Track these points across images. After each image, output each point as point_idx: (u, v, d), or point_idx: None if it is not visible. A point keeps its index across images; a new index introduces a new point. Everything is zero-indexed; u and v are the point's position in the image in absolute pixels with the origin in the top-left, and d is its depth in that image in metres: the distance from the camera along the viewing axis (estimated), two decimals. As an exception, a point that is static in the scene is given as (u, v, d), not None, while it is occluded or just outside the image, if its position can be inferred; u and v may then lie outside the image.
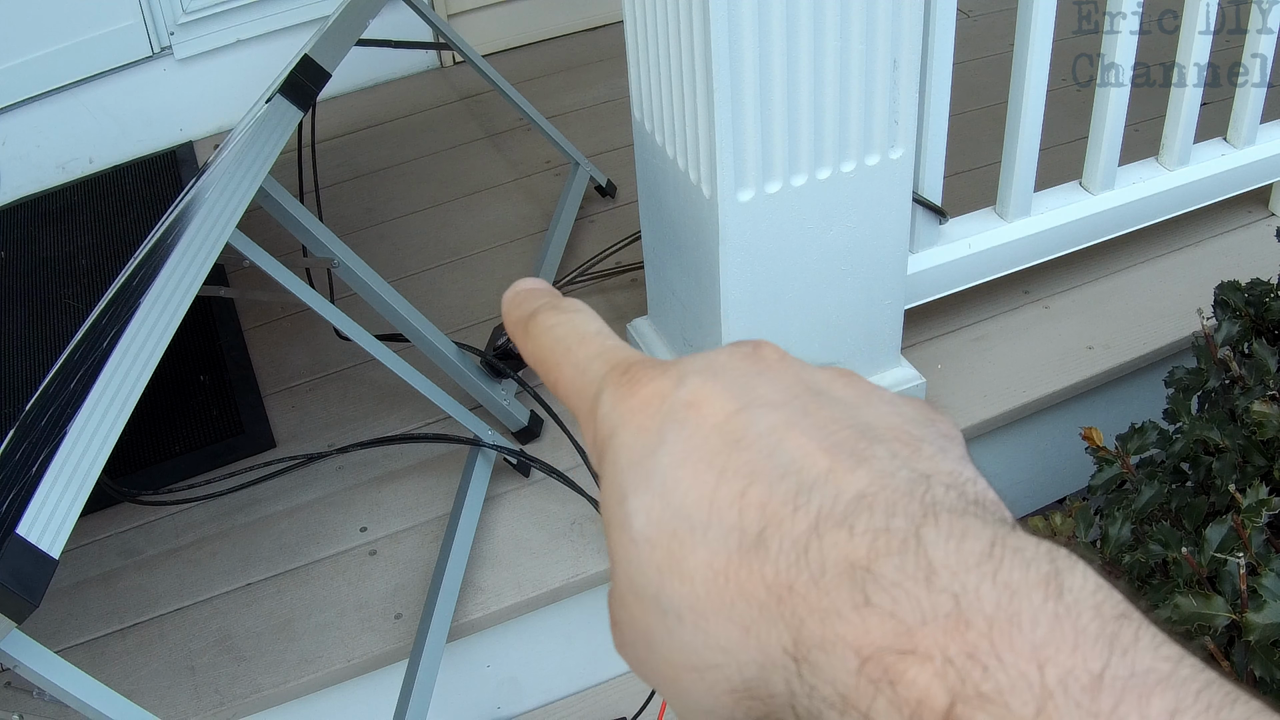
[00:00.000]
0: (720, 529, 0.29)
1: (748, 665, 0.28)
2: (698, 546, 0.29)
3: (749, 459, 0.29)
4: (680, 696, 0.31)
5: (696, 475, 0.29)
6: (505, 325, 0.39)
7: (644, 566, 0.30)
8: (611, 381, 0.33)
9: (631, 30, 1.42)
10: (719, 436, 0.30)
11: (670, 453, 0.30)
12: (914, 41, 1.31)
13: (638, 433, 0.31)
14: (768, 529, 0.28)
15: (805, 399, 0.31)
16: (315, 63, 1.49)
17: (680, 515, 0.29)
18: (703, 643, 0.29)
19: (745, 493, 0.28)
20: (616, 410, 0.32)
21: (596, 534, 1.56)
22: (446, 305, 1.96)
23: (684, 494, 0.29)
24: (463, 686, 1.57)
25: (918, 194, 1.59)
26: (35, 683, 1.09)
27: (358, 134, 2.46)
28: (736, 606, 0.28)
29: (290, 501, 1.65)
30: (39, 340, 1.92)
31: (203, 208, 1.30)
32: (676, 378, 0.32)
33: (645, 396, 0.32)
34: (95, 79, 2.34)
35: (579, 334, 0.36)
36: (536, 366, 0.38)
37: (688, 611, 0.29)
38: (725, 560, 0.28)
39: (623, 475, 0.31)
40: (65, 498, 1.03)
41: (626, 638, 0.33)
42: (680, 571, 0.29)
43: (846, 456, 0.28)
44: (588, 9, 2.70)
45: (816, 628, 0.26)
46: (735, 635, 0.28)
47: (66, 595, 1.54)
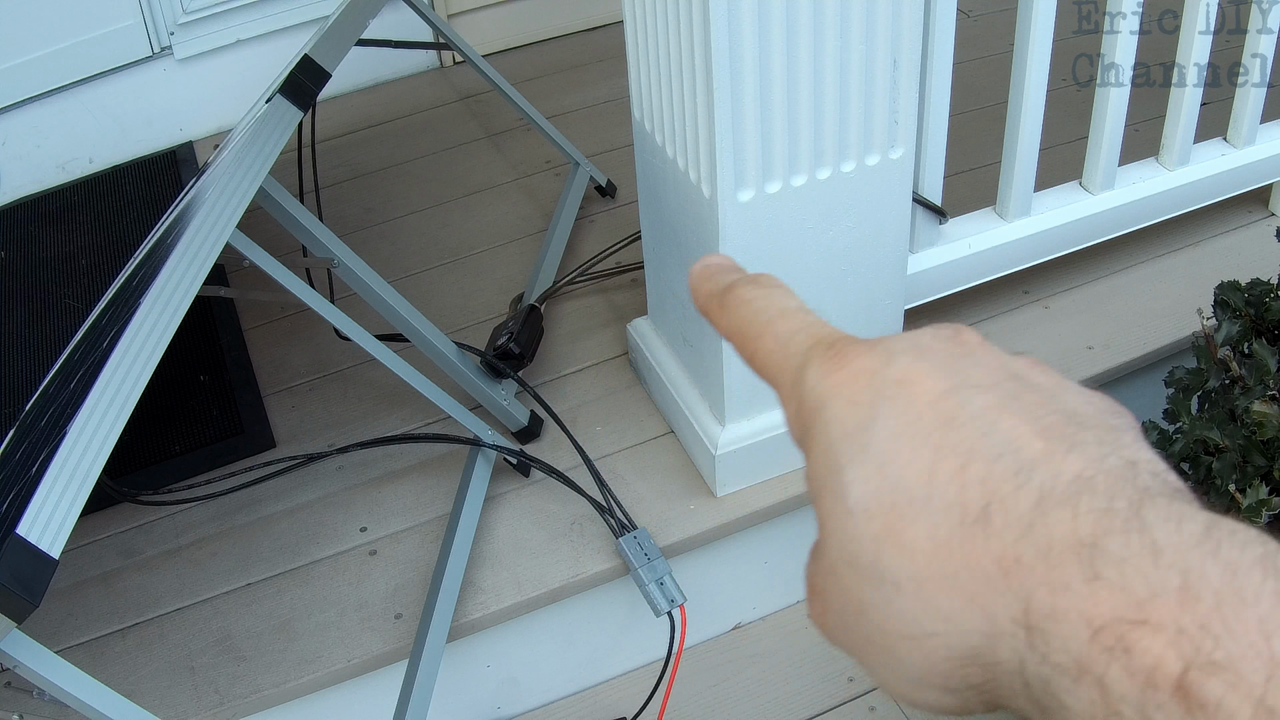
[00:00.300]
0: (941, 502, 0.30)
1: (971, 634, 0.30)
2: (918, 518, 0.30)
3: (964, 437, 0.31)
4: (892, 665, 0.32)
5: (914, 450, 0.31)
6: (695, 297, 0.40)
7: (860, 536, 0.32)
8: (817, 356, 0.34)
9: (631, 30, 1.42)
10: (932, 414, 0.31)
11: (885, 427, 0.32)
12: (914, 41, 1.31)
13: (849, 406, 0.33)
14: (991, 505, 0.29)
15: (1010, 384, 0.32)
16: (315, 63, 1.49)
17: (899, 488, 0.31)
18: (923, 611, 0.30)
19: (965, 469, 0.30)
20: (825, 383, 0.34)
21: (596, 534, 1.56)
22: (446, 305, 1.96)
23: (902, 467, 0.31)
24: (463, 686, 1.57)
25: (918, 194, 1.59)
26: (35, 683, 1.09)
27: (358, 134, 2.46)
28: (960, 577, 0.29)
29: (290, 501, 1.65)
30: (39, 340, 1.92)
31: (203, 208, 1.30)
32: (885, 355, 0.33)
33: (853, 371, 0.33)
34: (95, 79, 2.34)
35: (779, 308, 0.38)
36: (732, 337, 0.39)
37: (907, 581, 0.31)
38: (948, 533, 0.30)
39: (836, 446, 0.32)
40: (65, 498, 1.03)
41: (832, 606, 0.34)
42: (899, 542, 0.31)
43: (1059, 440, 0.30)
44: (588, 9, 2.70)
45: (1046, 599, 0.28)
46: (958, 604, 0.30)
47: (66, 595, 1.54)
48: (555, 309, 1.92)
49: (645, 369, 1.73)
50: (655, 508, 1.58)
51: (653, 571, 1.49)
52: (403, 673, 1.43)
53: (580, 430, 1.68)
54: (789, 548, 1.68)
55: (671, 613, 1.48)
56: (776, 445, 1.56)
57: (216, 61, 2.43)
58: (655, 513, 1.57)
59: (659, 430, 1.70)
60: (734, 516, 1.56)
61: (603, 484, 1.59)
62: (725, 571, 1.65)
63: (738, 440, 1.54)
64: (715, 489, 1.58)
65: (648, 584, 1.48)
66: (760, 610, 1.72)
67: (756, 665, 1.66)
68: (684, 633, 1.51)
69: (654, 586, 1.48)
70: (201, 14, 2.38)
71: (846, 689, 1.62)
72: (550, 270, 1.94)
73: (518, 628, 1.55)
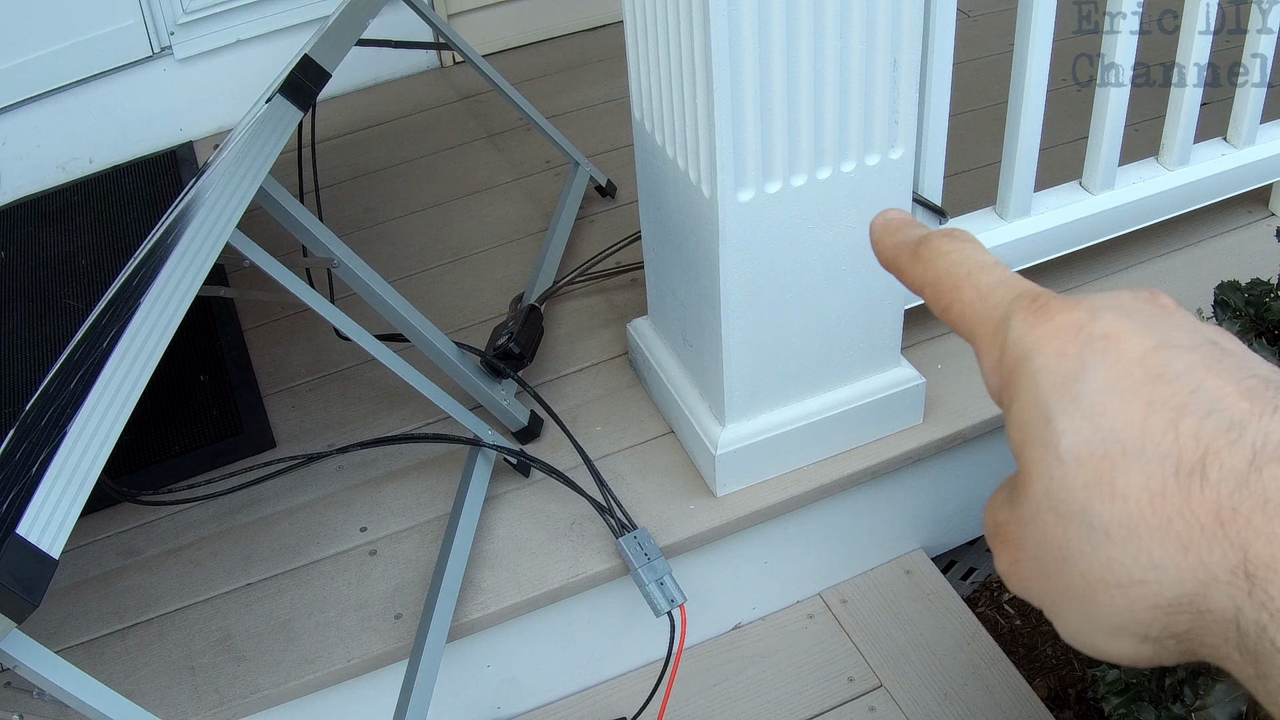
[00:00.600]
0: (1156, 453, 0.31)
1: (1184, 581, 0.31)
2: (1131, 468, 0.32)
3: (1173, 392, 0.32)
4: (1089, 613, 0.33)
5: (1124, 403, 0.32)
6: (879, 250, 0.42)
7: (1070, 485, 0.33)
8: (1021, 308, 0.36)
9: (631, 30, 1.42)
10: (1140, 370, 0.33)
11: (1095, 379, 0.33)
12: (914, 41, 1.31)
13: (1058, 358, 0.34)
14: (1207, 457, 0.31)
15: (1208, 347, 0.33)
16: (315, 63, 1.49)
17: (1111, 438, 0.32)
18: (1132, 559, 0.32)
19: (1177, 424, 0.31)
20: (1031, 335, 0.35)
21: (596, 534, 1.56)
22: (446, 305, 1.96)
23: (1114, 418, 0.32)
24: (463, 686, 1.57)
25: (918, 194, 1.59)
26: (35, 683, 1.09)
27: (358, 134, 2.46)
28: (1174, 525, 0.31)
29: (290, 501, 1.65)
30: (39, 340, 1.92)
31: (203, 208, 1.30)
32: (1090, 311, 0.34)
33: (1060, 325, 0.34)
34: (95, 79, 2.34)
35: (978, 261, 0.39)
36: (925, 288, 0.40)
37: (1117, 528, 0.32)
38: (1162, 483, 0.31)
39: (1046, 396, 0.34)
40: (65, 498, 1.03)
41: (1029, 554, 0.35)
42: (1112, 490, 0.32)
43: (1263, 402, 0.32)
44: (588, 9, 2.70)
45: (1264, 549, 0.30)
46: (1171, 552, 0.31)
47: (66, 595, 1.54)
48: (555, 309, 1.92)
49: (645, 369, 1.73)
50: (655, 508, 1.58)
51: (653, 571, 1.49)
52: (403, 673, 1.43)
53: (580, 430, 1.68)
54: (789, 548, 1.68)
55: (671, 613, 1.48)
56: (776, 445, 1.56)
57: (216, 61, 2.43)
58: (655, 513, 1.57)
59: (659, 430, 1.70)
60: (734, 516, 1.56)
61: (603, 484, 1.59)
62: (725, 571, 1.65)
63: (738, 440, 1.54)
64: (715, 489, 1.58)
65: (648, 584, 1.48)
66: (760, 610, 1.72)
67: (756, 665, 1.66)
68: (684, 633, 1.51)
69: (654, 586, 1.48)
70: (201, 14, 2.38)
71: (846, 689, 1.62)
72: (550, 270, 1.94)
73: (518, 628, 1.55)
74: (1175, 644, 0.32)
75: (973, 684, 1.61)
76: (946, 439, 1.65)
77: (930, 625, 1.68)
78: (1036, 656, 1.80)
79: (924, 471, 1.71)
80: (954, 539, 1.86)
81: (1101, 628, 0.33)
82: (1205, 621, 0.31)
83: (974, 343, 0.38)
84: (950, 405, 1.68)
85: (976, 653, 1.65)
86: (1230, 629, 0.30)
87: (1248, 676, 0.31)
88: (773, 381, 1.52)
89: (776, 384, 1.52)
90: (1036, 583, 0.35)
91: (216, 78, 2.44)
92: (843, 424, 1.59)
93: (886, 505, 1.72)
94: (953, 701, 1.59)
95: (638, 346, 1.73)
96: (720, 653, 1.68)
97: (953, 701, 1.59)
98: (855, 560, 1.75)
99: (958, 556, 1.92)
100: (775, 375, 1.51)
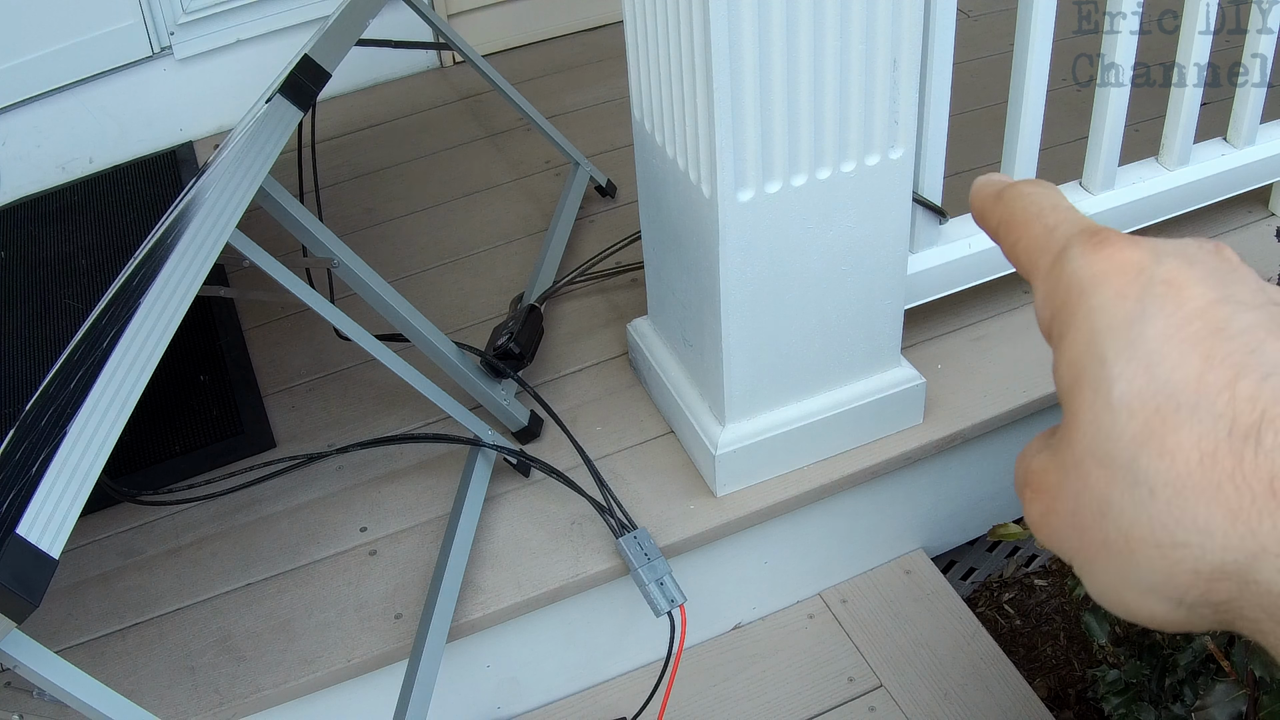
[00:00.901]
0: (1210, 412, 0.30)
1: (1231, 549, 0.30)
2: (1183, 425, 0.30)
3: (1233, 350, 0.30)
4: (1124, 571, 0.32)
5: (1183, 355, 0.31)
6: (974, 202, 0.41)
7: (1118, 434, 0.31)
8: (1080, 240, 0.34)
9: (631, 30, 1.42)
10: (1201, 321, 0.31)
11: (1155, 326, 0.31)
12: (914, 41, 1.31)
13: (1117, 298, 0.32)
14: (1263, 423, 0.29)
15: (1273, 307, 0.32)
16: (315, 63, 1.49)
17: (1166, 391, 0.31)
18: (1177, 520, 0.30)
19: (1235, 384, 0.30)
20: (1088, 267, 0.34)
21: (596, 534, 1.56)
22: (446, 305, 1.96)
23: (1170, 370, 0.31)
24: (463, 686, 1.57)
25: (918, 194, 1.59)
26: (35, 683, 1.09)
27: (358, 134, 2.46)
28: (1224, 490, 0.30)
29: (290, 501, 1.65)
30: (39, 340, 1.92)
31: (203, 208, 1.30)
32: (1153, 253, 0.33)
33: (1120, 262, 0.33)
34: (95, 79, 2.34)
35: (1053, 202, 0.38)
36: (1000, 227, 0.39)
37: (1163, 487, 0.30)
38: (1214, 444, 0.30)
39: (1101, 337, 0.32)
40: (65, 498, 1.03)
41: (1065, 505, 0.34)
42: (1161, 446, 0.30)
43: None
44: (588, 9, 2.70)
45: None
46: (1219, 517, 0.30)
47: (66, 595, 1.54)
48: (555, 309, 1.92)
49: (645, 369, 1.73)
50: (655, 508, 1.58)
51: (653, 571, 1.49)
52: (403, 673, 1.43)
53: (580, 430, 1.68)
54: (789, 548, 1.68)
55: (671, 613, 1.48)
56: (776, 445, 1.56)
57: (216, 61, 2.43)
58: (655, 513, 1.57)
59: (659, 430, 1.70)
60: (734, 516, 1.56)
61: (603, 484, 1.59)
62: (725, 571, 1.65)
63: (738, 440, 1.54)
64: (715, 489, 1.58)
65: (648, 584, 1.48)
66: (760, 610, 1.72)
67: (756, 665, 1.66)
68: (684, 633, 1.51)
69: (654, 586, 1.48)
70: (201, 14, 2.38)
71: (846, 689, 1.62)
72: (550, 270, 1.94)
73: (518, 628, 1.55)
74: (1211, 612, 0.31)
75: (973, 684, 1.61)
76: (946, 439, 1.65)
77: (930, 625, 1.68)
78: (1036, 656, 1.80)
79: (924, 471, 1.71)
80: (954, 539, 1.86)
81: (1135, 586, 0.32)
82: (1250, 593, 0.30)
83: (1032, 277, 0.37)
84: (950, 405, 1.68)
85: (976, 653, 1.65)
86: (1275, 602, 0.29)
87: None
88: (772, 381, 1.52)
89: (776, 384, 1.52)
90: (1070, 534, 0.34)
91: (216, 78, 2.44)
92: (843, 424, 1.59)
93: (886, 505, 1.72)
94: (953, 701, 1.59)
95: (638, 346, 1.73)
96: (720, 653, 1.68)
97: (953, 701, 1.59)
98: (855, 560, 1.75)
99: (958, 556, 1.92)
100: (775, 375, 1.51)
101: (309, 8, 2.42)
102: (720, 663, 1.67)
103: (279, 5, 2.42)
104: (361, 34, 1.67)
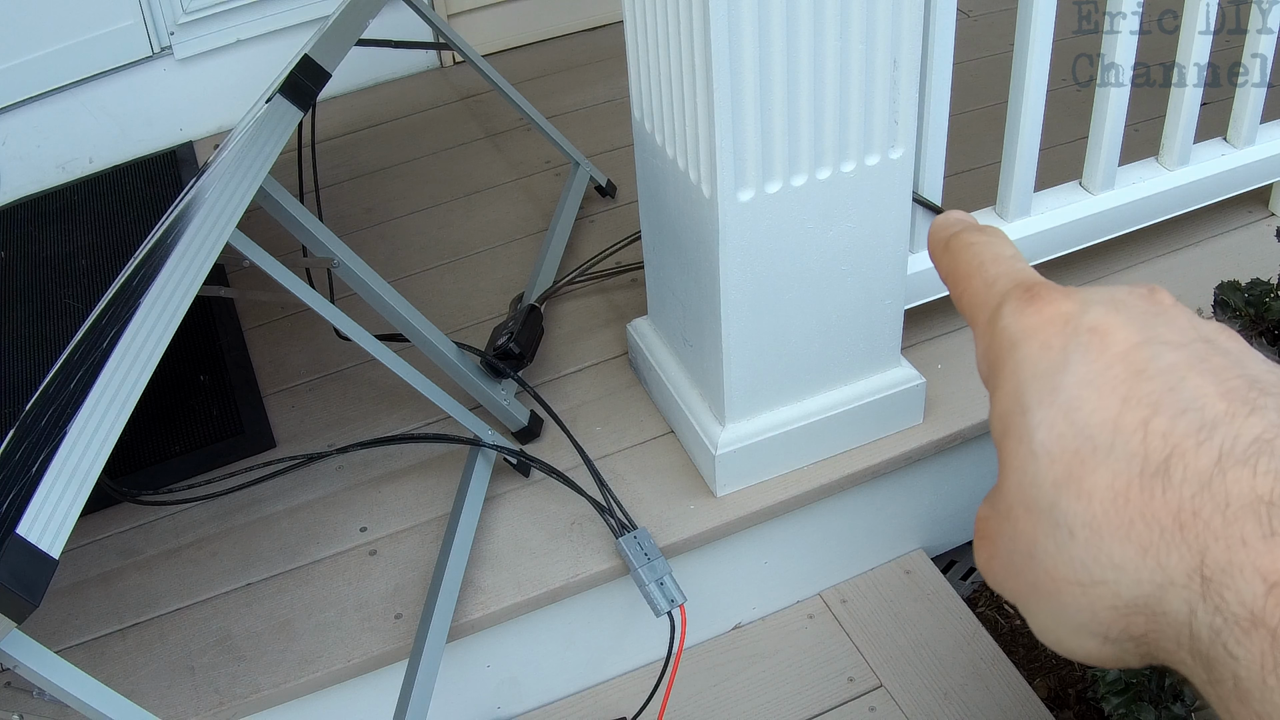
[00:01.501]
0: (1124, 452, 0.31)
1: (1142, 583, 0.30)
2: (1099, 466, 0.31)
3: (1152, 390, 0.31)
4: (1055, 611, 0.33)
5: (1101, 398, 0.32)
6: (928, 245, 0.42)
7: (1041, 480, 0.32)
8: (1015, 296, 0.35)
9: (631, 30, 1.42)
10: (1123, 365, 0.32)
11: (1076, 373, 0.32)
12: (914, 41, 1.31)
13: (1042, 349, 0.33)
14: (1172, 458, 0.30)
15: (1199, 345, 0.33)
16: (315, 63, 1.49)
17: (1083, 434, 0.31)
18: (1094, 559, 0.31)
19: (1149, 421, 0.31)
20: (1018, 323, 0.35)
21: (596, 534, 1.56)
22: (446, 305, 1.96)
23: (1089, 414, 0.32)
24: (463, 686, 1.57)
25: (918, 194, 1.59)
26: (35, 683, 1.09)
27: (358, 134, 2.46)
28: (1135, 527, 0.30)
29: (290, 501, 1.65)
30: (39, 340, 1.92)
31: (203, 208, 1.30)
32: (1081, 303, 0.34)
33: (1049, 315, 0.34)
34: (95, 79, 2.34)
35: (994, 254, 0.38)
36: (948, 279, 0.40)
37: (1081, 528, 0.31)
38: (1126, 483, 0.31)
39: (1025, 387, 0.33)
40: (65, 498, 1.03)
41: (1002, 550, 0.35)
42: (1079, 488, 0.31)
43: (1241, 403, 0.31)
44: (588, 9, 2.70)
45: (1222, 553, 0.29)
46: (1132, 554, 0.30)
47: (66, 595, 1.54)
48: (555, 309, 1.92)
49: (645, 369, 1.73)
50: (655, 508, 1.58)
51: (653, 571, 1.49)
52: (403, 673, 1.43)
53: (580, 430, 1.68)
54: (789, 548, 1.68)
55: (671, 613, 1.48)
56: (776, 445, 1.56)
57: (216, 61, 2.43)
58: (655, 513, 1.57)
59: (659, 430, 1.70)
60: (734, 516, 1.56)
61: (603, 484, 1.59)
62: (725, 571, 1.65)
63: (738, 440, 1.54)
64: (715, 489, 1.58)
65: (648, 584, 1.48)
66: (760, 610, 1.72)
67: (756, 665, 1.66)
68: (684, 633, 1.51)
69: (654, 586, 1.48)
70: (201, 14, 2.38)
71: (846, 689, 1.62)
72: (550, 270, 1.94)
73: (518, 628, 1.55)
74: (1134, 646, 0.32)
75: (973, 684, 1.61)
76: (946, 439, 1.65)
77: (930, 625, 1.68)
78: (1036, 656, 1.80)
79: (924, 471, 1.71)
80: (954, 539, 1.86)
81: (1066, 626, 0.33)
82: (1160, 624, 0.30)
83: (975, 331, 0.38)
84: (950, 405, 1.68)
85: (976, 653, 1.65)
86: (1184, 633, 0.30)
87: (1200, 681, 0.30)
88: (773, 381, 1.52)
89: (776, 384, 1.52)
90: (1008, 579, 0.35)
91: (216, 78, 2.44)
92: (843, 424, 1.59)
93: (886, 505, 1.72)
94: (953, 701, 1.59)
95: (638, 346, 1.73)
96: (720, 653, 1.68)
97: (953, 701, 1.59)
98: (855, 560, 1.75)
99: (958, 556, 1.92)
100: (775, 375, 1.51)
101: (309, 8, 2.42)
102: (720, 663, 1.67)
103: (279, 5, 2.42)
104: (361, 34, 1.67)
